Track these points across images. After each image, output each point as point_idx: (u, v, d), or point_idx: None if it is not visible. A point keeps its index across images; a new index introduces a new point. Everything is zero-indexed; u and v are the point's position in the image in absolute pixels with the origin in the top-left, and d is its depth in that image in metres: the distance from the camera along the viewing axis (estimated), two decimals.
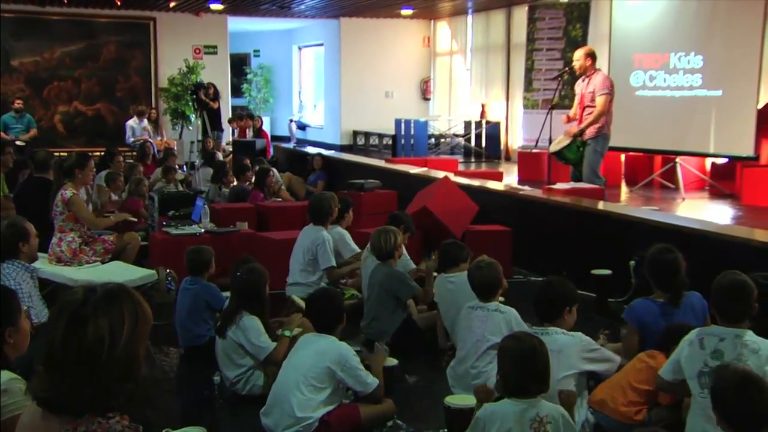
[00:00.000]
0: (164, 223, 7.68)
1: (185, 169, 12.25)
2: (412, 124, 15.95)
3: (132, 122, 15.07)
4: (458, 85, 18.07)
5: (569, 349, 3.74)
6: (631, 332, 4.24)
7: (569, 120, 8.73)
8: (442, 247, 5.32)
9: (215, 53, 17.49)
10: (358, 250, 6.51)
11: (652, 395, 3.70)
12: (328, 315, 4.00)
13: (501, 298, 4.57)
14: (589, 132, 8.48)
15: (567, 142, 8.58)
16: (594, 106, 8.44)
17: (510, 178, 11.96)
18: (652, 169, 11.39)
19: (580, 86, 8.68)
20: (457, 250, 5.22)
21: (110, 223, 6.72)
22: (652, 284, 4.31)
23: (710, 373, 3.28)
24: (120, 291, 1.89)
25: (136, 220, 7.47)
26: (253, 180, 9.61)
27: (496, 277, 4.42)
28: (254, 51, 22.18)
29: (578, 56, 8.61)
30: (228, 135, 16.04)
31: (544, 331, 3.78)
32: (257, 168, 9.84)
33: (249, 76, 21.84)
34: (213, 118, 14.10)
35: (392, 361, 4.31)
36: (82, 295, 1.85)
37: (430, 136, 16.82)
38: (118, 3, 15.40)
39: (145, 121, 15.15)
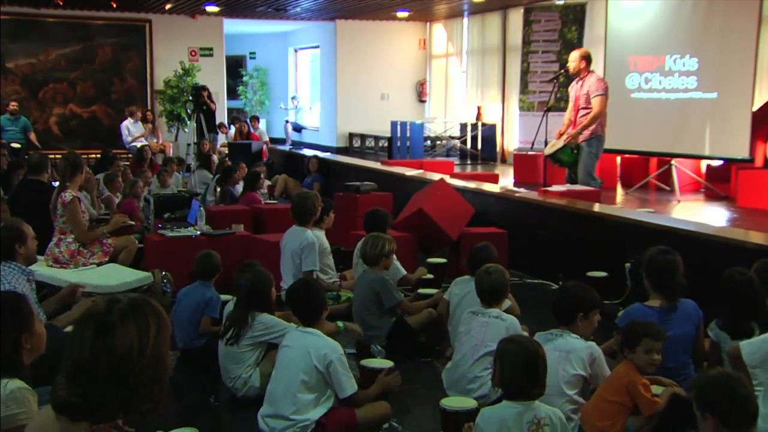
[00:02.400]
0: (160, 225, 7.67)
1: (182, 172, 12.24)
2: (408, 127, 15.95)
3: (127, 123, 15.06)
4: (454, 88, 18.09)
5: (579, 352, 3.76)
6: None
7: (561, 134, 8.74)
8: (473, 251, 5.19)
9: (211, 55, 17.49)
10: (317, 268, 6.28)
11: (624, 407, 3.68)
12: (312, 304, 3.97)
13: (508, 303, 4.56)
14: (584, 134, 8.50)
15: (561, 144, 8.60)
16: (588, 108, 8.46)
17: (506, 181, 11.97)
18: (648, 171, 11.40)
19: (573, 88, 8.70)
20: (489, 255, 5.07)
21: (98, 235, 6.54)
22: (648, 285, 4.28)
23: None
24: (142, 300, 1.99)
25: (133, 223, 7.42)
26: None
27: (504, 283, 4.41)
28: (250, 53, 22.18)
29: (573, 57, 8.65)
30: (223, 137, 16.05)
31: (559, 334, 3.82)
32: (248, 171, 9.87)
33: (245, 78, 21.85)
34: (209, 120, 14.11)
35: (387, 363, 4.30)
36: (105, 305, 1.94)
37: (425, 139, 16.83)
38: (114, 5, 15.39)
39: (140, 122, 15.14)
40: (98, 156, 12.87)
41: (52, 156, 11.77)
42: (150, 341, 1.91)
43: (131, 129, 15.00)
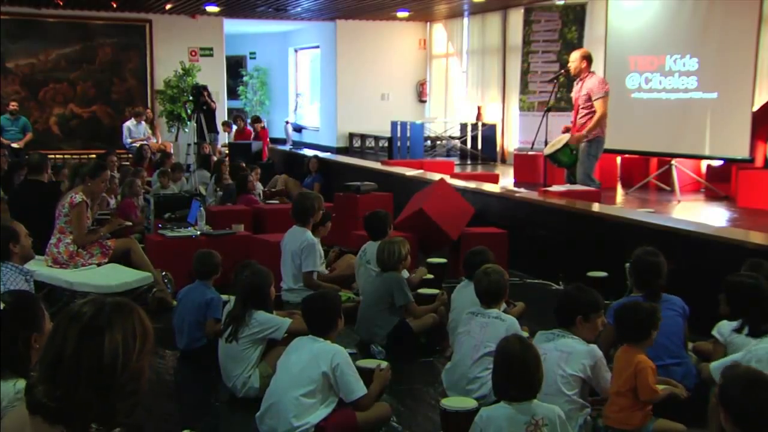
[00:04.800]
0: (160, 225, 7.67)
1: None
2: (408, 127, 15.95)
3: (129, 123, 15.07)
4: (454, 88, 18.08)
5: (580, 355, 3.77)
6: (606, 329, 4.26)
7: (567, 129, 8.75)
8: (468, 255, 5.23)
9: (211, 55, 17.49)
10: (317, 269, 6.33)
11: (637, 395, 3.69)
12: (324, 318, 3.96)
13: (503, 305, 4.57)
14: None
15: (561, 145, 8.59)
16: (588, 109, 8.44)
17: (506, 181, 11.96)
18: (648, 172, 11.40)
19: (574, 89, 8.69)
20: (485, 259, 5.01)
21: (95, 238, 6.51)
22: (632, 283, 4.43)
23: None
24: (129, 306, 1.89)
25: (130, 224, 7.39)
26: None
27: (503, 284, 4.40)
28: (250, 53, 22.18)
29: (574, 58, 8.63)
30: (225, 136, 16.09)
31: (560, 335, 3.83)
32: (239, 173, 9.88)
33: (245, 79, 21.85)
34: (209, 120, 14.12)
35: (382, 363, 4.30)
36: (92, 306, 1.85)
37: (426, 139, 16.82)
38: (114, 5, 15.38)
39: (144, 123, 15.15)
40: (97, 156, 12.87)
41: (52, 156, 11.77)
42: (136, 351, 1.82)
43: (132, 130, 15.01)
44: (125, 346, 1.80)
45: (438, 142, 17.42)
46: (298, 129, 20.32)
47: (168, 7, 15.67)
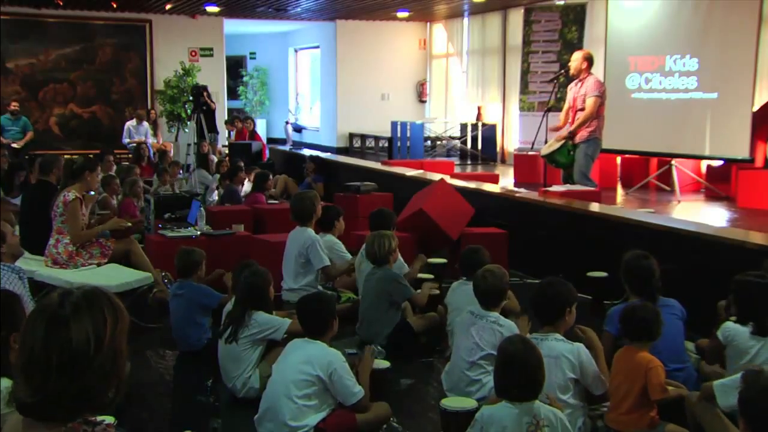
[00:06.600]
0: (160, 225, 7.66)
1: (182, 173, 12.25)
2: (408, 127, 15.96)
3: (130, 124, 15.09)
4: (454, 88, 18.09)
5: (567, 355, 3.75)
6: (606, 337, 4.25)
7: (558, 129, 8.76)
8: (464, 253, 5.25)
9: (211, 55, 17.50)
10: (350, 257, 6.47)
11: (645, 396, 3.68)
12: (319, 319, 3.94)
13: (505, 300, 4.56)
14: (581, 135, 8.48)
15: (558, 145, 8.59)
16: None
17: (506, 181, 11.97)
18: (648, 172, 11.41)
19: (572, 90, 8.68)
20: (481, 258, 5.05)
21: (92, 235, 6.47)
22: (627, 289, 4.39)
23: None
24: (97, 291, 1.87)
25: (130, 225, 7.36)
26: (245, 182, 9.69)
27: (502, 286, 4.34)
28: (250, 53, 22.19)
29: (576, 58, 8.62)
30: (224, 137, 16.09)
31: (544, 338, 3.80)
32: (256, 171, 9.89)
33: (245, 79, 21.85)
34: (209, 120, 14.12)
35: (384, 364, 4.29)
36: (58, 297, 1.83)
37: (426, 139, 16.83)
38: (114, 5, 15.39)
39: (146, 124, 15.14)
40: (94, 155, 12.87)
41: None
42: (107, 335, 1.79)
43: (132, 130, 15.02)
44: (96, 331, 1.78)
45: (438, 142, 17.43)
46: (298, 129, 20.32)
47: (168, 7, 15.67)
